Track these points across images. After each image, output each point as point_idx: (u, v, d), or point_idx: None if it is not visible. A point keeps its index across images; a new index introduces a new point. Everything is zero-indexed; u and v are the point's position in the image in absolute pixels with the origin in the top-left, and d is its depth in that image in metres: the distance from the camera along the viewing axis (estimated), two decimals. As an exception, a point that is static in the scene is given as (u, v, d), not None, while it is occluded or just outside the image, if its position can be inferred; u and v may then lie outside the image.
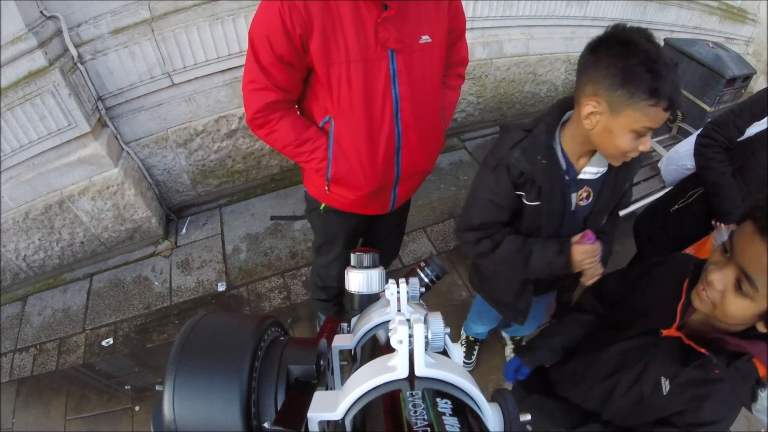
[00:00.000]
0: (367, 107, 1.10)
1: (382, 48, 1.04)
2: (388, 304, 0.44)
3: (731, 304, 0.66)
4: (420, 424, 0.24)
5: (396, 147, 1.19)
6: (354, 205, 1.33)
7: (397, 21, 1.03)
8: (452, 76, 1.36)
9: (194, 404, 0.27)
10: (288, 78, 1.08)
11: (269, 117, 1.13)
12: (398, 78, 1.09)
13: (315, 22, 0.98)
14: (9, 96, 1.71)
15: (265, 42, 1.01)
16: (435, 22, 1.10)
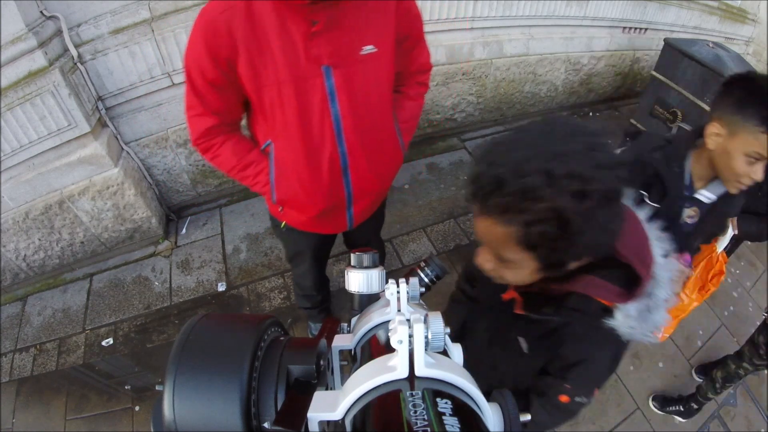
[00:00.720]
0: (304, 129, 1.04)
1: (315, 65, 0.96)
2: (388, 304, 0.44)
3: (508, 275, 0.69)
4: (420, 424, 0.24)
5: (342, 167, 1.12)
6: (308, 225, 1.30)
7: (331, 34, 0.95)
8: (412, 85, 1.26)
9: (194, 404, 0.27)
10: (223, 102, 1.05)
11: (211, 142, 1.11)
12: (337, 95, 1.01)
13: (240, 44, 0.93)
14: (9, 96, 1.71)
15: (195, 68, 0.97)
16: (380, 29, 1.01)
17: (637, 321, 0.69)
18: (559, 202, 0.51)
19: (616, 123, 3.89)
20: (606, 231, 0.55)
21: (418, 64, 1.22)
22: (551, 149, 0.52)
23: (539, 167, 0.51)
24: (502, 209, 0.55)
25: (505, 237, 0.59)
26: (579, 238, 0.53)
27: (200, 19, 0.93)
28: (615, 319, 0.70)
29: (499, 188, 0.54)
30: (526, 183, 0.52)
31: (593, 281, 0.67)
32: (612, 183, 0.53)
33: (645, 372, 2.10)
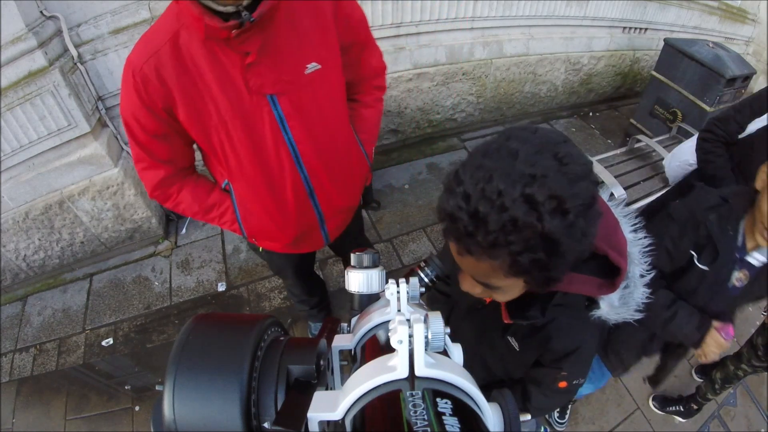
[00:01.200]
0: (260, 164, 1.00)
1: (259, 96, 0.91)
2: (388, 304, 0.44)
3: (498, 297, 0.68)
4: (420, 424, 0.24)
5: (307, 192, 1.09)
6: (285, 249, 1.28)
7: (268, 61, 0.89)
8: (367, 91, 1.20)
9: (194, 404, 0.27)
10: (171, 151, 1.00)
11: (168, 192, 1.08)
12: (288, 122, 0.96)
13: (174, 90, 0.87)
14: (9, 96, 1.71)
15: (134, 122, 0.93)
16: (320, 44, 0.95)
17: (620, 306, 0.71)
18: (545, 226, 0.49)
19: (616, 123, 3.90)
20: (589, 236, 0.55)
21: (370, 67, 1.15)
22: (525, 172, 0.50)
23: (519, 195, 0.49)
24: (488, 245, 0.52)
25: (492, 269, 0.57)
26: (568, 253, 0.53)
27: (126, 71, 0.88)
28: (600, 309, 0.72)
29: (482, 226, 0.51)
30: (510, 215, 0.49)
31: (576, 278, 0.67)
32: (588, 191, 0.52)
33: (645, 372, 2.10)
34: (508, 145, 0.53)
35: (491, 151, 0.54)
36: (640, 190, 2.41)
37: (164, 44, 0.85)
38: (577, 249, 0.53)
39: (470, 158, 0.57)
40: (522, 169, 0.50)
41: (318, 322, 2.04)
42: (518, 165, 0.50)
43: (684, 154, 1.75)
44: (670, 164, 1.87)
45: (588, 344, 0.80)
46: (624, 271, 0.66)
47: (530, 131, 0.55)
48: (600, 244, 0.64)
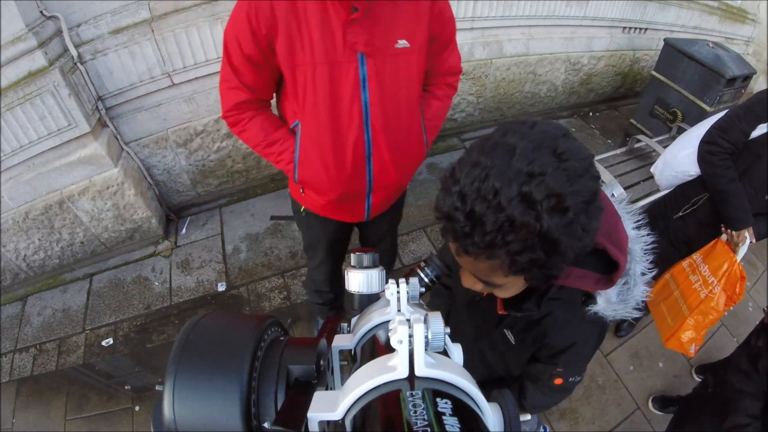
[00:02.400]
0: (333, 112, 1.06)
1: (351, 51, 0.99)
2: (388, 304, 0.44)
3: (499, 293, 0.68)
4: (420, 424, 0.24)
5: (366, 155, 1.14)
6: (326, 210, 1.31)
7: (369, 23, 0.98)
8: (440, 86, 1.28)
9: (194, 404, 0.27)
10: (257, 78, 1.07)
11: (241, 116, 1.14)
12: (368, 83, 1.04)
13: (280, 23, 0.96)
14: (9, 96, 1.71)
15: (234, 42, 1.00)
16: (413, 26, 1.04)
17: (618, 303, 0.70)
18: (543, 225, 0.48)
19: (616, 123, 3.90)
20: (590, 232, 0.53)
21: (448, 65, 1.24)
22: (522, 170, 0.48)
23: (516, 194, 0.48)
24: (485, 246, 0.51)
25: (491, 268, 0.56)
26: (568, 250, 0.52)
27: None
28: (597, 305, 0.71)
29: (479, 227, 0.50)
30: (507, 215, 0.48)
31: (573, 272, 0.67)
32: (589, 187, 0.51)
33: (645, 372, 2.10)
34: (506, 140, 0.52)
35: (488, 147, 0.52)
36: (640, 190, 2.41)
37: None
38: (577, 246, 0.52)
39: (467, 155, 0.55)
40: (519, 167, 0.49)
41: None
42: (515, 162, 0.49)
43: (681, 164, 1.65)
44: (663, 173, 1.77)
45: (585, 341, 0.79)
46: (622, 266, 0.65)
47: (528, 125, 0.53)
48: (600, 239, 0.63)
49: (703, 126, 1.57)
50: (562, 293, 0.72)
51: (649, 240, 0.72)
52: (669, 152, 1.73)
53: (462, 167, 0.53)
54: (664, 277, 1.76)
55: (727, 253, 1.54)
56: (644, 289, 0.71)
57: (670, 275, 1.74)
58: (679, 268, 1.69)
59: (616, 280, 0.66)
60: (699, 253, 1.62)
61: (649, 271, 0.71)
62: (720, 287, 1.55)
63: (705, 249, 1.61)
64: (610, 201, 0.72)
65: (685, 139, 1.68)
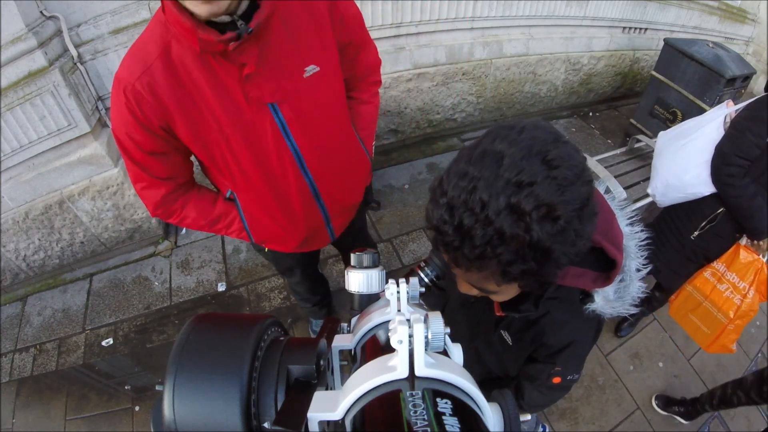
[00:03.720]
0: (264, 172, 0.98)
1: (259, 106, 0.89)
2: (388, 304, 0.44)
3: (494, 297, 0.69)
4: (420, 424, 0.24)
5: (313, 195, 1.09)
6: (293, 250, 1.27)
7: (267, 69, 0.86)
8: (364, 88, 1.19)
9: (194, 404, 0.27)
10: (169, 167, 0.97)
11: (171, 209, 1.04)
12: (290, 128, 0.94)
13: (170, 106, 0.84)
14: (9, 96, 1.71)
15: (128, 141, 0.88)
16: (319, 46, 0.93)
17: (616, 301, 0.70)
18: (534, 236, 0.47)
19: (616, 123, 3.90)
20: (584, 236, 0.52)
21: (366, 65, 1.14)
22: (510, 180, 0.47)
23: (504, 206, 0.46)
24: (475, 258, 0.50)
25: (483, 278, 0.56)
26: (561, 257, 0.51)
27: (117, 88, 0.83)
28: (595, 303, 0.70)
29: (468, 240, 0.49)
30: (496, 228, 0.47)
31: (570, 271, 0.67)
32: (581, 194, 0.50)
33: (645, 372, 2.10)
34: (494, 148, 0.50)
35: (475, 156, 0.51)
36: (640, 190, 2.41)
37: (156, 58, 0.80)
38: (571, 252, 0.52)
39: (454, 164, 0.54)
40: (507, 177, 0.47)
41: (319, 319, 2.04)
42: (503, 172, 0.48)
43: (691, 187, 1.53)
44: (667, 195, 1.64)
45: (583, 339, 0.79)
46: (620, 264, 0.65)
47: (517, 131, 0.51)
48: (596, 237, 0.63)
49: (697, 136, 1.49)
50: (560, 292, 0.72)
51: (642, 236, 0.72)
52: (668, 174, 1.60)
53: (450, 178, 0.52)
54: (686, 289, 1.77)
55: (753, 257, 1.55)
56: (640, 285, 0.71)
57: (692, 287, 1.74)
58: (702, 280, 1.70)
59: (614, 278, 0.66)
60: (719, 261, 1.62)
61: (644, 267, 0.71)
62: (753, 290, 1.57)
63: (726, 256, 1.60)
64: (604, 199, 0.72)
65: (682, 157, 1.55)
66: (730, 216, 1.49)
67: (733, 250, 1.58)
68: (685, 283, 1.77)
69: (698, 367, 2.15)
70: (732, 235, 1.55)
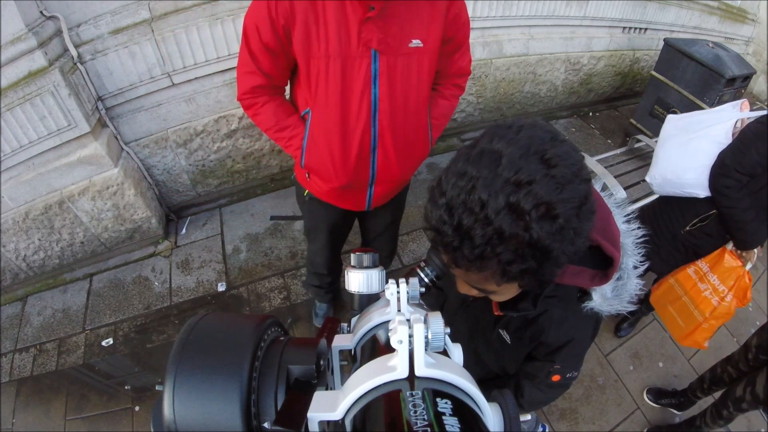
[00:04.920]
0: (343, 104, 1.11)
1: (365, 47, 1.03)
2: (388, 304, 0.44)
3: (494, 297, 0.69)
4: (420, 424, 0.24)
5: (371, 147, 1.19)
6: (329, 196, 1.36)
7: (384, 22, 1.02)
8: (449, 86, 1.32)
9: (194, 404, 0.27)
10: (273, 65, 1.11)
11: (255, 100, 1.18)
12: (379, 79, 1.08)
13: (298, 15, 1.00)
14: (9, 96, 1.71)
15: (254, 29, 1.05)
16: (428, 27, 1.08)
17: (613, 298, 0.70)
18: (533, 234, 0.47)
19: (616, 123, 3.90)
20: (583, 234, 0.52)
21: (458, 67, 1.28)
22: (509, 179, 0.47)
23: (503, 205, 0.46)
24: (475, 258, 0.50)
25: (483, 278, 0.56)
26: (560, 256, 0.51)
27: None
28: (593, 301, 0.70)
29: (467, 240, 0.49)
30: (495, 227, 0.47)
31: (568, 269, 0.67)
32: (579, 192, 0.50)
33: (645, 372, 2.10)
34: (492, 147, 0.50)
35: (474, 155, 0.51)
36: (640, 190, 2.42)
37: None
38: (570, 250, 0.52)
39: (453, 163, 0.54)
40: (506, 176, 0.47)
41: (323, 303, 2.05)
42: (502, 171, 0.48)
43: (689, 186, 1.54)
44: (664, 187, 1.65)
45: (581, 337, 0.79)
46: (617, 262, 0.65)
47: (514, 130, 0.51)
48: (594, 235, 0.63)
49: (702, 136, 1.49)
50: (558, 291, 0.72)
51: (639, 233, 0.72)
52: (668, 168, 1.61)
53: (448, 178, 0.52)
54: (668, 281, 1.79)
55: (735, 262, 1.56)
56: (637, 282, 0.71)
57: (674, 280, 1.76)
58: (684, 275, 1.72)
59: (612, 276, 0.66)
60: (704, 260, 1.63)
61: (641, 264, 0.71)
62: (732, 295, 1.59)
63: (711, 257, 1.61)
64: (600, 196, 0.72)
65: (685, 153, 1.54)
66: (722, 220, 1.50)
67: (719, 252, 1.59)
68: (668, 276, 1.79)
69: (698, 367, 2.15)
70: (722, 235, 1.56)
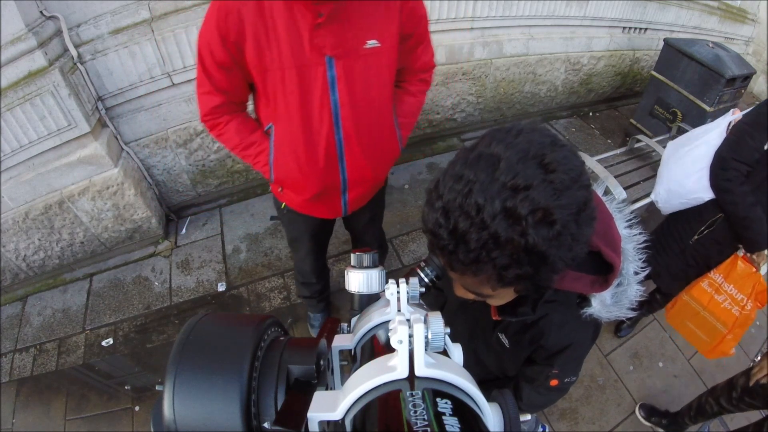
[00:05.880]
0: (304, 114, 1.09)
1: (319, 54, 1.01)
2: (388, 304, 0.44)
3: (491, 301, 0.68)
4: (420, 424, 0.24)
5: (338, 153, 1.17)
6: (304, 207, 1.36)
7: (336, 26, 0.99)
8: (414, 82, 1.30)
9: (194, 404, 0.27)
10: (230, 82, 1.10)
11: (217, 120, 1.17)
12: (337, 85, 1.06)
13: (248, 28, 0.98)
14: (9, 96, 1.71)
15: (206, 49, 1.04)
16: (383, 26, 1.05)
17: (613, 305, 0.69)
18: (529, 240, 0.46)
19: (616, 123, 3.90)
20: (581, 241, 0.52)
21: (422, 62, 1.26)
22: (506, 183, 0.46)
23: (499, 210, 0.46)
24: (470, 263, 0.50)
25: (479, 282, 0.56)
26: (558, 262, 0.50)
27: (214, 4, 0.99)
28: (592, 307, 0.70)
29: (462, 244, 0.49)
30: (491, 232, 0.47)
31: (568, 274, 0.66)
32: (578, 198, 0.49)
33: (645, 372, 2.10)
34: (490, 151, 0.50)
35: (471, 159, 0.50)
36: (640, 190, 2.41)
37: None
38: (567, 257, 0.51)
39: (450, 166, 0.53)
40: (503, 180, 0.47)
41: (317, 313, 2.05)
42: (499, 175, 0.47)
43: (692, 192, 1.53)
44: (670, 201, 1.64)
45: (580, 342, 0.79)
46: (617, 268, 0.64)
47: (513, 134, 0.51)
48: (594, 241, 0.62)
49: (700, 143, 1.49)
50: (558, 295, 0.71)
51: (641, 239, 0.71)
52: (671, 180, 1.61)
53: (446, 181, 0.52)
54: (683, 298, 1.75)
55: (750, 270, 1.53)
56: (638, 289, 0.70)
57: (689, 296, 1.72)
58: (698, 289, 1.68)
59: (612, 282, 0.65)
60: (716, 271, 1.60)
61: (642, 270, 0.70)
62: (752, 303, 1.57)
63: (724, 266, 1.58)
64: (602, 201, 0.72)
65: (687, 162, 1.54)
66: (729, 223, 1.48)
67: (731, 261, 1.56)
68: (682, 292, 1.74)
69: (698, 367, 2.15)
70: (730, 243, 1.54)
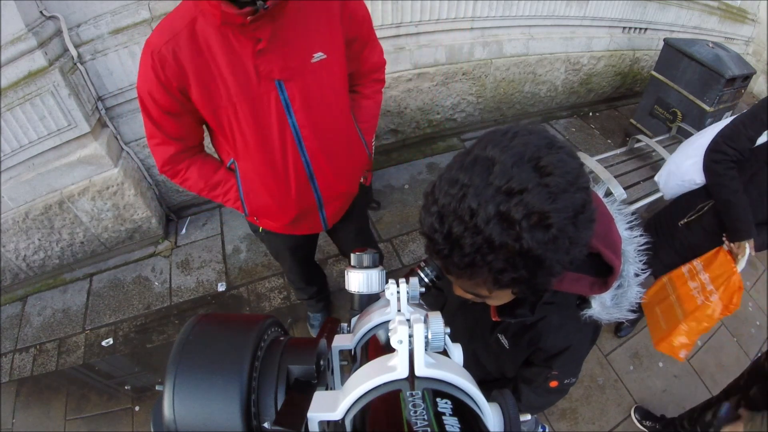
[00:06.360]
0: (265, 144, 1.06)
1: (267, 80, 0.97)
2: (388, 304, 0.44)
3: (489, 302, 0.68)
4: (420, 424, 0.24)
5: (307, 175, 1.15)
6: (284, 230, 1.33)
7: (279, 48, 0.95)
8: (368, 84, 1.27)
9: (194, 404, 0.27)
10: (181, 128, 1.06)
11: (177, 168, 1.13)
12: (293, 107, 1.02)
13: (189, 71, 0.94)
14: (9, 96, 1.71)
15: (149, 98, 0.99)
16: (326, 35, 1.01)
17: (613, 307, 0.69)
18: (524, 244, 0.46)
19: (616, 123, 3.90)
20: (579, 243, 0.51)
21: (371, 63, 1.22)
22: (500, 187, 0.46)
23: (493, 214, 0.46)
24: (465, 267, 0.50)
25: (475, 284, 0.56)
26: (555, 265, 0.50)
27: (146, 51, 0.93)
28: (592, 309, 0.70)
29: (457, 248, 0.49)
30: (485, 236, 0.46)
31: (567, 276, 0.66)
32: (575, 201, 0.48)
33: (645, 372, 2.10)
34: (485, 154, 0.49)
35: (467, 163, 0.50)
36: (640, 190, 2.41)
37: (182, 29, 0.91)
38: (564, 260, 0.50)
39: (447, 170, 0.53)
40: (497, 184, 0.46)
41: (316, 313, 2.05)
42: (493, 180, 0.47)
43: (687, 173, 1.61)
44: (668, 182, 1.72)
45: (579, 344, 0.79)
46: (617, 270, 0.64)
47: (509, 136, 0.50)
48: (594, 242, 0.62)
49: (707, 134, 1.55)
50: (557, 297, 0.71)
51: (642, 241, 0.71)
52: (673, 161, 1.70)
53: (441, 185, 0.52)
54: (662, 280, 1.76)
55: (729, 263, 1.53)
56: (638, 291, 0.70)
57: (668, 279, 1.73)
58: (678, 273, 1.69)
59: (611, 284, 0.65)
60: (700, 259, 1.62)
61: (642, 272, 0.70)
62: (718, 296, 1.55)
63: (707, 256, 1.60)
64: (602, 202, 0.72)
65: (689, 147, 1.63)
66: (716, 210, 1.52)
67: (714, 252, 1.58)
68: (664, 275, 1.75)
69: (698, 368, 2.15)
70: (717, 230, 1.56)
